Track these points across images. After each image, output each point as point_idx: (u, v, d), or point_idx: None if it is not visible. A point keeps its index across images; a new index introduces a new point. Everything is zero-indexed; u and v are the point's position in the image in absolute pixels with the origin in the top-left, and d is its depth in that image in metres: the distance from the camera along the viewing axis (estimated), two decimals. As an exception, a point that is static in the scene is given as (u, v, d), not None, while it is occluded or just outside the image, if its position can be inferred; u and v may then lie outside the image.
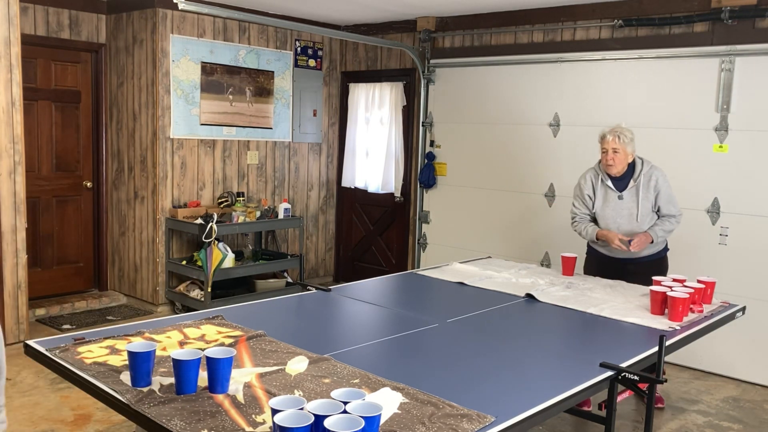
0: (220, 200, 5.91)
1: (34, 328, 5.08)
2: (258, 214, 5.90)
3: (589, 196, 4.06)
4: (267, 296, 3.64)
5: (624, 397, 2.55)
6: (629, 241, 3.85)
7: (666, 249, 4.10)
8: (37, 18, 5.46)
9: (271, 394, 1.98)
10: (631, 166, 3.93)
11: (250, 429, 1.78)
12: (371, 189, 6.84)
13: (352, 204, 7.09)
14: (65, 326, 5.25)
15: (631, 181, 3.91)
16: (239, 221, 5.68)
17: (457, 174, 6.13)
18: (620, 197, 3.93)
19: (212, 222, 5.36)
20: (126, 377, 2.07)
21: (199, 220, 5.46)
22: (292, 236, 6.69)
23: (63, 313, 5.60)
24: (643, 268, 3.93)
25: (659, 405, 4.11)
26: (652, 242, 3.89)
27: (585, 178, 4.10)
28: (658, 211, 3.94)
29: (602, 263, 4.09)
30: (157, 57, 5.49)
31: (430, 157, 6.25)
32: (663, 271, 3.97)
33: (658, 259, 4.03)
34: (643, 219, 3.91)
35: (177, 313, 4.72)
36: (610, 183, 3.95)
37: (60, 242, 5.85)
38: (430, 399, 2.01)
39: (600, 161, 4.01)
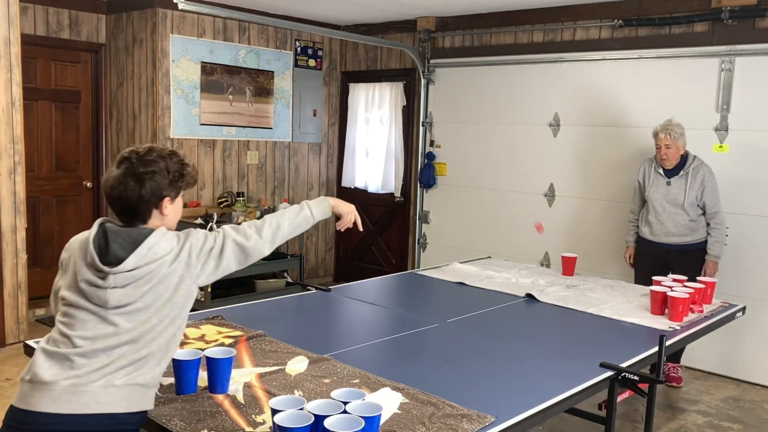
0: (220, 200, 5.91)
1: (34, 328, 5.08)
2: (258, 214, 5.90)
3: (639, 181, 4.48)
4: (267, 296, 3.64)
5: (624, 397, 2.54)
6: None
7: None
8: (37, 18, 5.46)
9: (271, 394, 1.98)
10: (683, 158, 4.28)
11: (250, 429, 1.78)
12: (371, 189, 6.84)
13: (352, 204, 7.07)
14: (65, 326, 5.24)
15: (681, 171, 4.25)
16: (239, 221, 5.68)
17: (457, 174, 6.12)
18: (668, 183, 4.28)
19: (212, 222, 5.35)
20: (126, 377, 2.06)
21: (199, 220, 5.46)
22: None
23: (63, 313, 5.59)
24: (686, 255, 4.26)
25: (675, 384, 4.46)
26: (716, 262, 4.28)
27: (641, 166, 4.51)
28: (704, 207, 4.23)
29: (648, 252, 4.42)
30: (157, 57, 5.49)
31: (430, 157, 6.25)
32: (703, 260, 4.30)
33: (702, 248, 4.29)
34: (689, 207, 4.22)
35: (177, 313, 4.70)
36: (661, 170, 4.33)
37: (60, 242, 5.84)
38: (430, 399, 2.01)
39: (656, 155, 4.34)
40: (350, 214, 2.29)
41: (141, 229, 1.81)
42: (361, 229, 2.36)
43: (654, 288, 3.19)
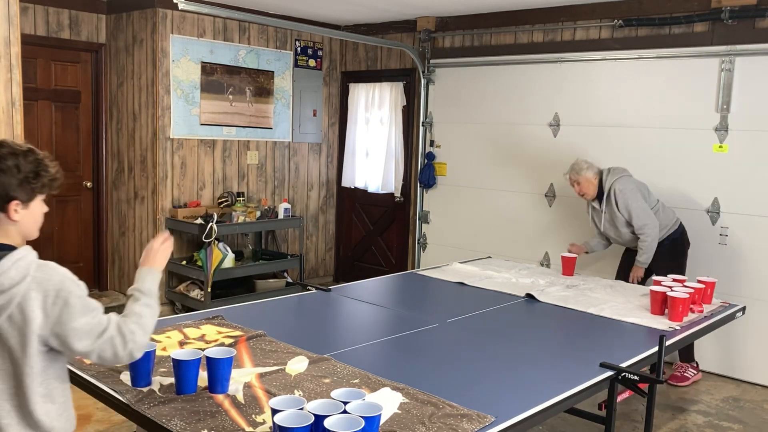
0: (220, 200, 5.91)
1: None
2: (258, 214, 5.90)
3: (590, 215, 4.55)
4: (267, 296, 3.64)
5: (624, 397, 2.54)
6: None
7: (678, 232, 4.40)
8: (37, 18, 5.46)
9: (271, 394, 1.98)
10: (601, 184, 4.34)
11: (250, 429, 1.78)
12: (371, 189, 6.84)
13: (352, 204, 7.08)
14: (65, 326, 5.24)
15: (603, 198, 4.32)
16: (239, 221, 5.68)
17: (457, 174, 6.12)
18: (603, 211, 4.36)
19: (212, 222, 5.35)
20: (126, 377, 2.07)
21: (199, 220, 5.46)
22: (292, 236, 6.69)
23: (63, 313, 5.59)
24: (659, 251, 4.26)
25: (681, 384, 4.47)
26: (643, 267, 4.31)
27: (587, 205, 4.57)
28: (629, 222, 4.28)
29: (628, 250, 4.55)
30: (157, 57, 5.49)
31: (430, 157, 6.25)
32: (681, 253, 4.41)
33: (669, 243, 4.35)
34: (623, 228, 4.30)
35: (177, 313, 4.72)
36: (595, 203, 4.42)
37: (60, 242, 5.85)
38: (430, 399, 2.01)
39: None
40: (164, 249, 1.90)
41: None
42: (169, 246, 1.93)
43: (654, 288, 3.20)
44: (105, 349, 1.61)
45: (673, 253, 4.35)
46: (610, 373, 2.36)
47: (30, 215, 1.68)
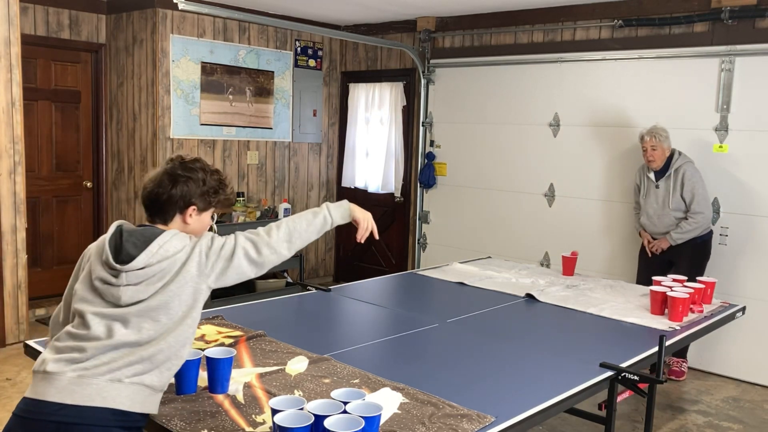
0: (220, 200, 5.90)
1: (34, 328, 5.08)
2: (258, 214, 5.90)
3: (637, 185, 4.70)
4: (267, 296, 3.64)
5: (624, 397, 2.54)
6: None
7: (710, 234, 4.49)
8: (37, 18, 5.46)
9: (271, 394, 1.98)
10: (669, 160, 4.43)
11: (250, 429, 1.79)
12: (371, 189, 6.85)
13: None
14: (65, 326, 5.24)
15: (667, 172, 4.41)
16: (239, 221, 5.68)
17: (457, 174, 6.12)
18: (657, 186, 4.47)
19: (212, 222, 5.35)
20: (126, 377, 2.06)
21: (199, 220, 5.45)
22: (292, 236, 6.68)
23: (63, 313, 5.58)
24: (682, 251, 4.40)
25: (680, 378, 4.57)
26: (671, 245, 4.45)
27: (637, 172, 4.71)
28: (688, 205, 4.37)
29: (644, 256, 4.63)
30: (157, 57, 5.49)
31: (430, 157, 6.25)
32: (706, 255, 4.48)
33: (701, 242, 4.43)
34: (674, 209, 4.39)
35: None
36: (651, 175, 4.50)
37: (60, 242, 5.85)
38: (430, 399, 2.01)
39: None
40: (366, 221, 2.24)
41: (155, 228, 1.86)
42: (377, 237, 2.30)
43: (654, 288, 3.19)
44: (241, 263, 1.88)
45: (698, 254, 4.44)
46: (610, 373, 2.36)
47: (199, 222, 1.98)
